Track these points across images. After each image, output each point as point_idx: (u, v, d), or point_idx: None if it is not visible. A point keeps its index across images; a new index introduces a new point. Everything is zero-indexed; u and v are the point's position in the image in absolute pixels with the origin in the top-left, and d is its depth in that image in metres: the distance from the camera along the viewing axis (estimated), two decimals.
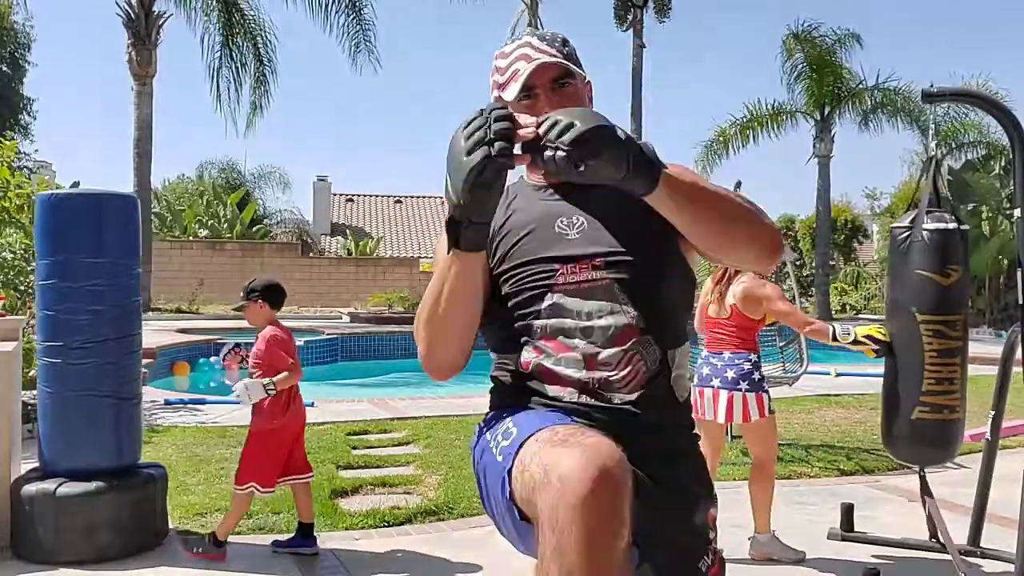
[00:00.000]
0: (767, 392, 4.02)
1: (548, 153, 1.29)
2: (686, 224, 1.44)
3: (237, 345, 4.31)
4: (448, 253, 1.43)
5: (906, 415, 3.64)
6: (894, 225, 3.81)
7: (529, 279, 1.55)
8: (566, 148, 1.27)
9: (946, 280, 3.59)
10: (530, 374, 1.54)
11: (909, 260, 3.63)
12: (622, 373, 1.49)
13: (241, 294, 4.16)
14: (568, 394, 1.50)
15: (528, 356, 1.54)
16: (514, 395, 1.57)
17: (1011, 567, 3.60)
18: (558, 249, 1.55)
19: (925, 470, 3.91)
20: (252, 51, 18.56)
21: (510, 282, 1.57)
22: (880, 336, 3.73)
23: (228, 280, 22.98)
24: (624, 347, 1.50)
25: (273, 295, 4.14)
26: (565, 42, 1.61)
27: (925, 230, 3.59)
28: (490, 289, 1.58)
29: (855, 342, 3.81)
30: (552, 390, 1.52)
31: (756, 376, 3.99)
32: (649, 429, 1.49)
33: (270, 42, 18.77)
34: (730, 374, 3.99)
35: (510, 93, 1.54)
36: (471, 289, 1.49)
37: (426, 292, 1.53)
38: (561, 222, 1.58)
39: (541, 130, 1.31)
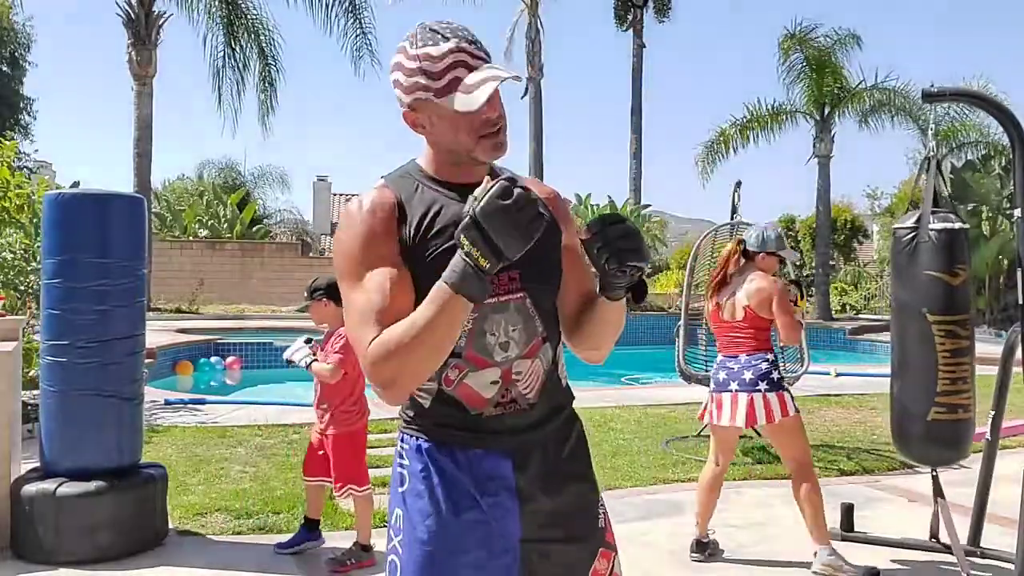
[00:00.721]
0: (788, 391, 3.98)
1: (602, 252, 1.51)
2: (602, 323, 1.66)
3: (309, 340, 4.31)
4: (455, 297, 1.44)
5: (921, 416, 3.61)
6: (897, 225, 3.79)
7: None
8: (623, 258, 1.51)
9: (955, 280, 3.57)
10: (451, 389, 1.62)
11: (917, 261, 3.60)
12: (527, 381, 1.64)
13: (305, 294, 4.19)
14: (484, 407, 1.62)
15: (452, 373, 1.61)
16: (434, 427, 1.65)
17: (1011, 567, 3.61)
18: None
19: (938, 470, 3.87)
20: (257, 50, 18.54)
21: (429, 284, 1.53)
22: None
23: (228, 280, 22.98)
24: (531, 358, 1.65)
25: (337, 293, 4.13)
26: (473, 34, 1.58)
27: (932, 230, 3.57)
28: (397, 284, 1.56)
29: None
30: (473, 407, 1.62)
31: (775, 375, 3.95)
32: (544, 420, 1.68)
33: (275, 41, 18.78)
34: (748, 376, 3.94)
35: (463, 104, 1.51)
36: (460, 326, 1.51)
37: (403, 332, 1.47)
38: None
39: (618, 228, 1.52)
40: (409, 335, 1.46)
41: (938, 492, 3.89)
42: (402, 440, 1.70)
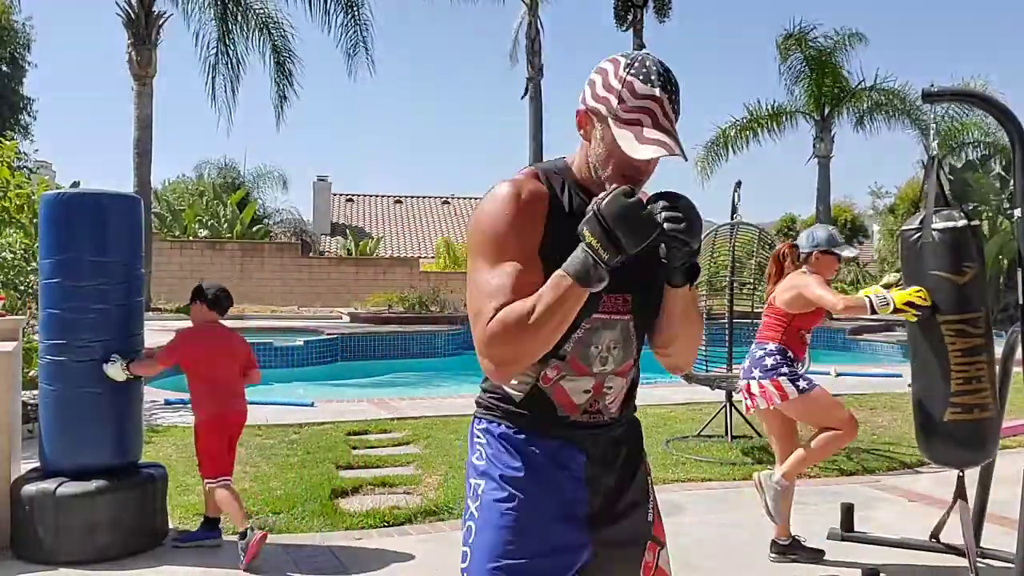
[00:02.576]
0: (786, 375, 3.98)
1: (675, 247, 1.60)
2: (673, 319, 1.74)
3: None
4: (580, 288, 1.53)
5: (939, 418, 3.58)
6: (903, 227, 3.77)
7: None
8: (668, 230, 1.55)
9: (962, 278, 3.55)
10: (547, 388, 1.72)
11: (923, 261, 3.59)
12: (613, 395, 1.77)
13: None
14: (574, 412, 1.74)
15: (552, 373, 1.71)
16: (522, 419, 1.74)
17: (1011, 567, 3.60)
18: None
19: (963, 472, 3.84)
20: (270, 45, 18.56)
21: None
22: (919, 300, 3.55)
23: (228, 280, 22.83)
24: (624, 376, 1.78)
25: (213, 300, 4.26)
26: (678, 95, 1.64)
27: (935, 230, 3.56)
28: (529, 274, 1.64)
29: (896, 311, 3.66)
30: (563, 410, 1.73)
31: (768, 362, 4.00)
32: (621, 434, 1.82)
33: (287, 34, 18.79)
34: (746, 363, 4.09)
35: (626, 147, 1.58)
36: (574, 316, 1.59)
37: (523, 311, 1.55)
38: None
39: (662, 202, 1.57)
40: (528, 316, 1.54)
41: (961, 494, 3.85)
42: (480, 423, 1.79)
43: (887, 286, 4.17)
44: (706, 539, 4.41)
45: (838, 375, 10.77)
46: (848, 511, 4.23)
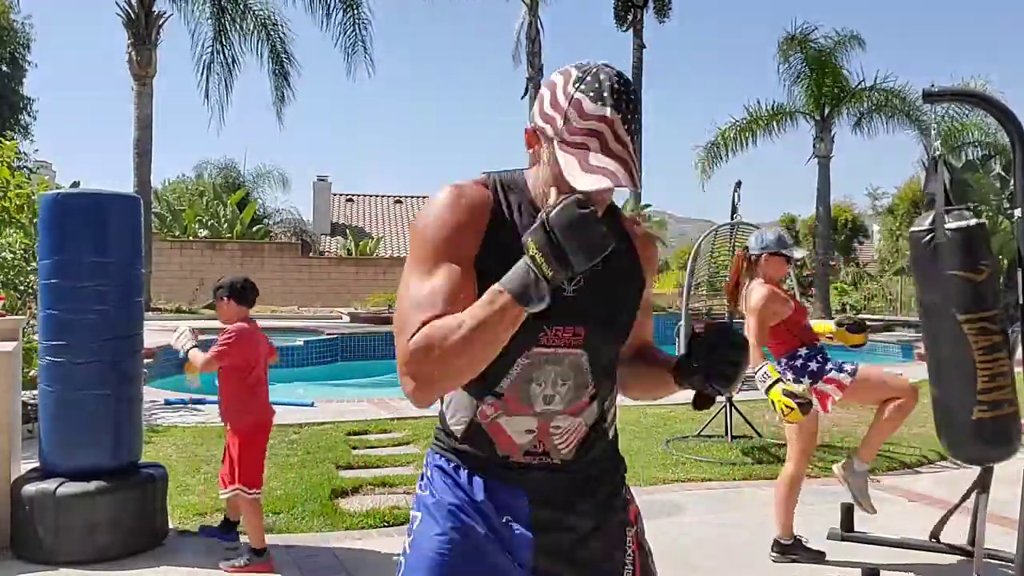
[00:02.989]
0: (831, 370, 4.01)
1: (712, 374, 1.50)
2: (652, 389, 1.70)
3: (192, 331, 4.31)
4: (515, 307, 1.36)
5: (966, 416, 3.57)
6: (913, 229, 3.74)
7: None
8: (722, 384, 1.50)
9: (979, 276, 3.54)
10: (486, 424, 1.56)
11: (938, 262, 3.57)
12: (566, 437, 1.57)
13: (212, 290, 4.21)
14: (514, 453, 1.56)
15: (489, 410, 1.54)
16: (463, 456, 1.59)
17: (1011, 567, 3.60)
18: (552, 307, 1.44)
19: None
20: (268, 46, 18.57)
21: None
22: (784, 409, 3.57)
23: None
24: (576, 415, 1.57)
25: (240, 293, 4.13)
26: (637, 109, 1.47)
27: (948, 230, 3.55)
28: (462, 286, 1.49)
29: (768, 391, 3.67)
30: (501, 449, 1.56)
31: (812, 366, 4.00)
32: (580, 477, 1.60)
33: (285, 35, 18.79)
34: (789, 375, 4.00)
35: (570, 173, 1.41)
36: (507, 338, 1.41)
37: (448, 329, 1.38)
38: None
39: (723, 347, 1.50)
40: (455, 333, 1.36)
41: (984, 488, 3.82)
42: (431, 458, 1.66)
43: (841, 324, 4.35)
44: (706, 539, 4.41)
45: None
46: (848, 511, 4.23)
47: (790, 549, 4.03)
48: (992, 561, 3.86)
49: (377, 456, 6.15)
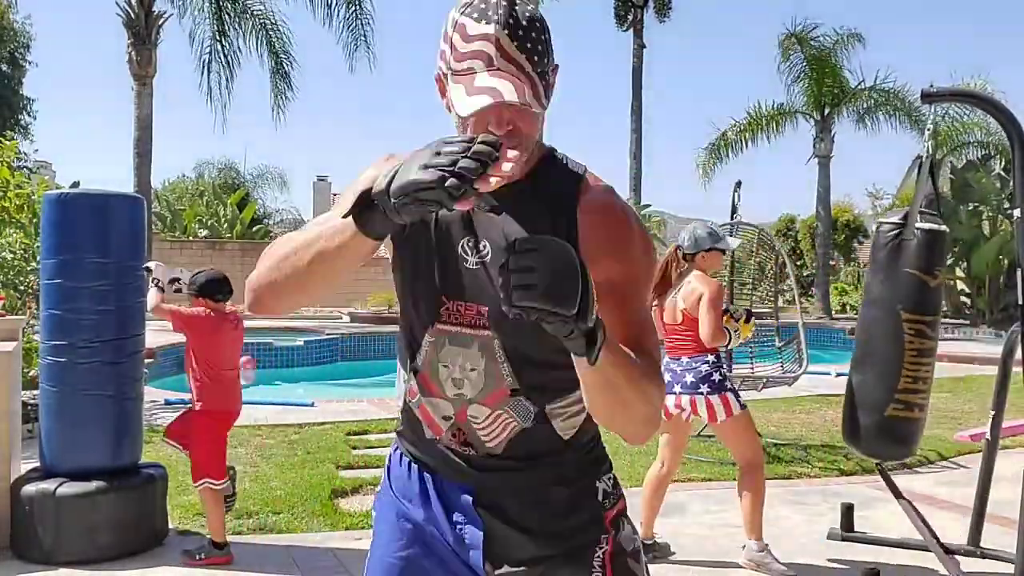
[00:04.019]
0: (732, 391, 4.01)
1: (506, 290, 1.10)
2: (588, 390, 1.26)
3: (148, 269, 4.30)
4: (346, 218, 1.24)
5: (878, 412, 3.65)
6: (882, 220, 3.81)
7: (417, 299, 1.43)
8: (512, 301, 1.09)
9: (933, 281, 3.61)
10: (414, 403, 1.50)
11: (899, 258, 3.62)
12: (488, 430, 1.43)
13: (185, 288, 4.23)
14: (441, 438, 1.46)
15: (414, 386, 1.48)
16: (404, 438, 1.56)
17: (1011, 567, 3.60)
18: (450, 279, 1.39)
19: (888, 466, 3.93)
20: (266, 43, 18.58)
21: (404, 288, 1.47)
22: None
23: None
24: (492, 407, 1.41)
25: (204, 289, 4.11)
26: (537, 31, 1.29)
27: (919, 229, 3.59)
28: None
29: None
30: (428, 432, 1.48)
31: (716, 377, 3.99)
32: (516, 468, 1.45)
33: (284, 35, 18.78)
34: (689, 378, 3.99)
35: (462, 106, 1.25)
36: (343, 264, 1.31)
37: (301, 233, 1.35)
38: (467, 242, 1.39)
39: (512, 258, 1.10)
40: (292, 239, 1.38)
41: (894, 490, 3.90)
42: (394, 443, 1.60)
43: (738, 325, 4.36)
44: (706, 539, 4.41)
45: (838, 375, 10.76)
46: (848, 511, 4.23)
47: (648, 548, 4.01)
48: (992, 561, 3.87)
49: (377, 456, 6.14)
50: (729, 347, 3.98)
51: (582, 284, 1.10)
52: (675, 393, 4.00)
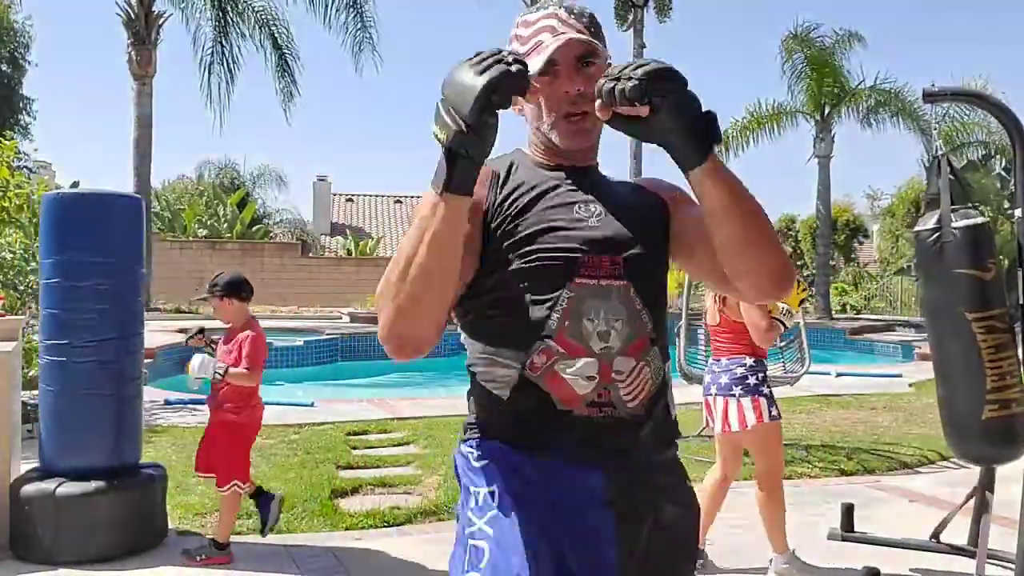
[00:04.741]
0: (767, 396, 3.88)
1: (618, 85, 1.28)
2: (722, 212, 1.36)
3: (202, 331, 4.31)
4: (436, 195, 1.29)
5: (976, 416, 3.55)
6: (918, 228, 3.72)
7: (549, 257, 1.41)
8: (638, 78, 1.27)
9: (987, 274, 3.52)
10: (537, 377, 1.41)
11: (945, 260, 3.55)
12: (632, 383, 1.42)
13: (206, 287, 4.15)
14: (576, 404, 1.40)
15: (539, 359, 1.40)
16: (512, 423, 1.44)
17: (1011, 567, 3.60)
18: (582, 235, 1.43)
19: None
20: (270, 41, 18.58)
21: (522, 253, 1.42)
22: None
23: None
24: (637, 358, 1.43)
25: (237, 290, 4.10)
26: (593, 18, 1.48)
27: (956, 228, 3.53)
28: (478, 262, 1.43)
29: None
30: (562, 403, 1.40)
31: (751, 380, 3.88)
32: (649, 445, 1.46)
33: (289, 34, 18.79)
34: (724, 379, 3.91)
35: (532, 66, 1.36)
36: (457, 240, 1.31)
37: (398, 254, 1.32)
38: (579, 207, 1.47)
39: (613, 70, 1.32)
40: (395, 257, 1.32)
41: (989, 488, 3.80)
42: (469, 445, 1.50)
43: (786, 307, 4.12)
44: (708, 539, 4.40)
45: (838, 375, 10.78)
46: (848, 511, 4.23)
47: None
48: (992, 561, 3.86)
49: (377, 456, 6.15)
50: (789, 324, 3.94)
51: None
52: (711, 395, 3.94)
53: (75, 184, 16.97)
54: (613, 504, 1.41)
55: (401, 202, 38.13)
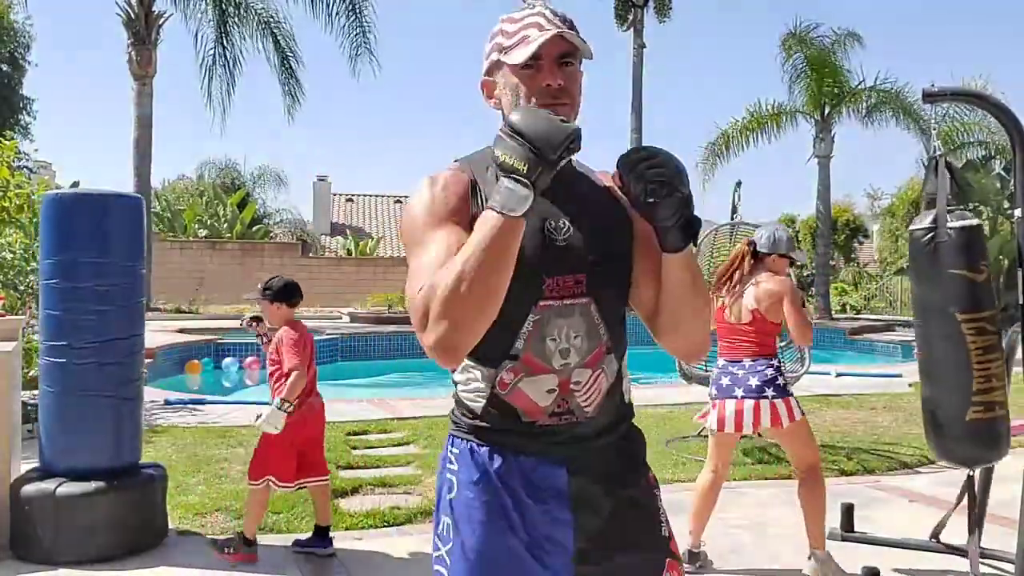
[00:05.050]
0: (793, 396, 3.92)
1: (633, 176, 1.47)
2: (679, 290, 1.55)
3: (258, 319, 4.29)
4: (502, 218, 1.39)
5: (959, 418, 3.56)
6: (913, 227, 3.73)
7: (515, 283, 1.47)
8: (648, 179, 1.45)
9: (979, 276, 3.53)
10: (506, 394, 1.56)
11: (939, 260, 3.56)
12: (588, 391, 1.57)
13: (258, 288, 4.13)
14: (539, 416, 1.56)
15: (507, 376, 1.55)
16: (486, 432, 1.60)
17: (1011, 567, 3.60)
18: (548, 257, 1.54)
19: (975, 471, 3.83)
20: (272, 42, 18.58)
21: None
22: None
23: (228, 280, 22.97)
24: (593, 367, 1.57)
25: (286, 296, 4.08)
26: (573, 23, 1.57)
27: (951, 229, 3.55)
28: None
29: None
30: (526, 415, 1.56)
31: (780, 381, 3.89)
32: (602, 432, 1.62)
33: (290, 35, 18.78)
34: (754, 382, 3.87)
35: (516, 57, 1.50)
36: (513, 258, 1.42)
37: (451, 268, 1.39)
38: (549, 225, 1.56)
39: (641, 154, 1.48)
40: (456, 273, 1.38)
41: (971, 494, 3.83)
42: (452, 443, 1.65)
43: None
44: (706, 539, 4.40)
45: (838, 375, 10.78)
46: (848, 511, 4.23)
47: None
48: (992, 561, 3.87)
49: (377, 456, 6.15)
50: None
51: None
52: (735, 397, 3.88)
53: (75, 184, 16.96)
54: (574, 496, 1.58)
55: (401, 202, 38.11)
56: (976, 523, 3.79)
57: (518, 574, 1.56)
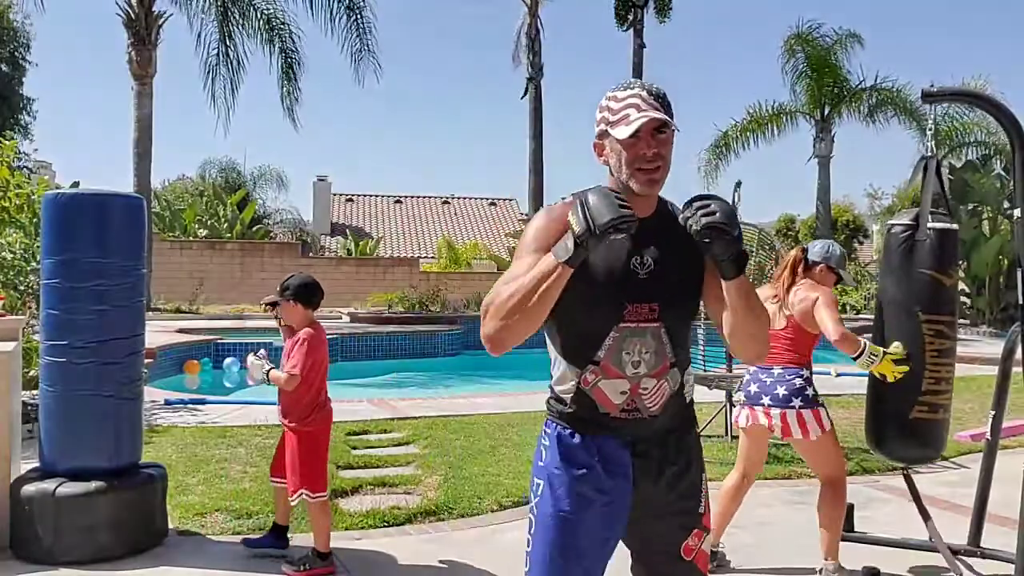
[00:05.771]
0: (823, 406, 3.80)
1: (692, 219, 1.85)
2: (739, 309, 1.94)
3: (275, 304, 4.23)
4: (556, 263, 1.83)
5: (903, 415, 3.62)
6: (893, 222, 3.76)
7: (602, 307, 1.96)
8: (701, 226, 1.83)
9: (949, 280, 3.57)
10: (588, 389, 2.00)
11: (914, 259, 3.58)
12: (653, 395, 2.01)
13: (277, 289, 4.09)
14: (613, 410, 2.00)
15: (590, 377, 2.00)
16: (572, 418, 2.05)
17: (1011, 567, 3.60)
18: (630, 287, 1.96)
19: (911, 469, 3.89)
20: (279, 46, 18.56)
21: (584, 301, 1.95)
22: (892, 376, 3.54)
23: (228, 280, 22.96)
24: (659, 378, 2.01)
25: (305, 295, 4.02)
26: (665, 97, 1.95)
27: (932, 229, 3.56)
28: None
29: (869, 367, 3.66)
30: (602, 408, 2.00)
31: (809, 392, 3.78)
32: (663, 426, 2.06)
33: (294, 36, 18.77)
34: (781, 391, 3.77)
35: (620, 133, 1.90)
36: (557, 294, 1.86)
37: (514, 283, 1.86)
38: (635, 261, 1.97)
39: (698, 203, 1.86)
40: (511, 290, 1.85)
41: (914, 493, 3.86)
42: (546, 425, 2.10)
43: (888, 354, 3.71)
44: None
45: (838, 375, 10.77)
46: (848, 511, 4.23)
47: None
48: (992, 561, 3.87)
49: (377, 456, 6.15)
50: (858, 364, 3.72)
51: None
52: (762, 405, 3.80)
53: (75, 184, 16.94)
54: (635, 470, 2.03)
55: (401, 202, 38.13)
56: (926, 516, 3.86)
57: (585, 516, 1.99)
